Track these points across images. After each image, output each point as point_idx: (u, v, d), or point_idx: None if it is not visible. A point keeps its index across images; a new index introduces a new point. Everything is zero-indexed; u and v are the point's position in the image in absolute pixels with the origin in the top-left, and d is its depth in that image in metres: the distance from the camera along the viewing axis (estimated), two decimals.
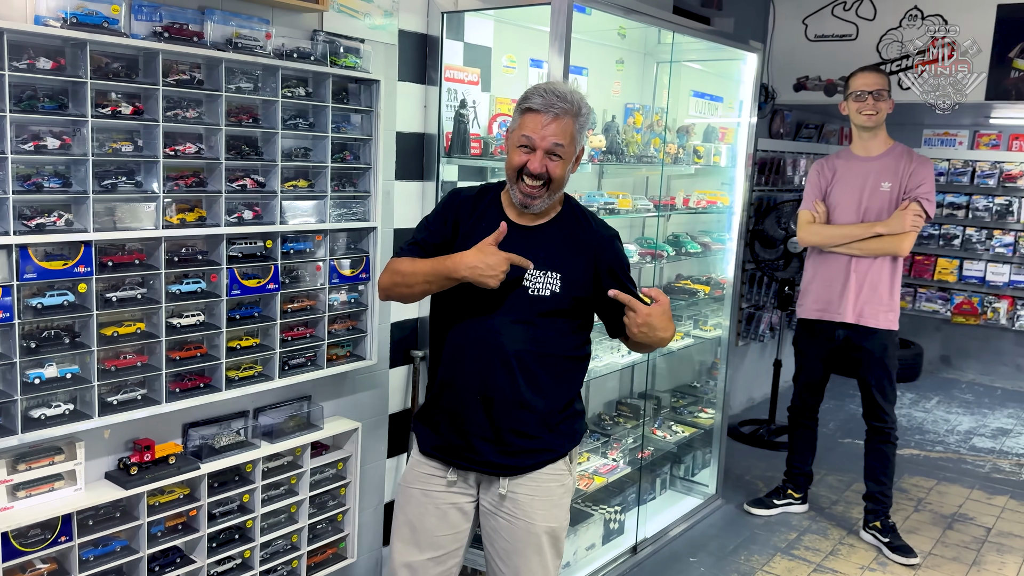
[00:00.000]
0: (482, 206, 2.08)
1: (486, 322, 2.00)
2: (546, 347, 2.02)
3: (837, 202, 3.62)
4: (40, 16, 1.93)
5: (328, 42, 2.52)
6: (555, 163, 1.94)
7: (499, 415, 2.01)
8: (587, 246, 2.06)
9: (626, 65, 4.00)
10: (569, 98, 1.95)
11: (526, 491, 2.06)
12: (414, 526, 2.10)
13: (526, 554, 2.07)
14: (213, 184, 2.28)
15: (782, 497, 3.98)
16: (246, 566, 2.52)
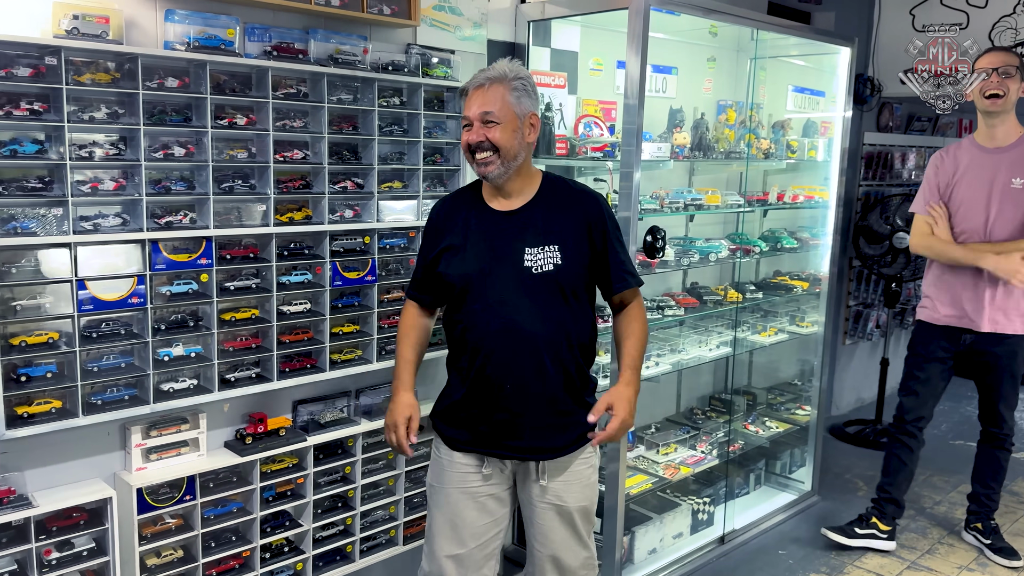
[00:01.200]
0: (458, 204, 2.22)
1: (502, 311, 2.09)
2: (564, 324, 2.13)
3: (962, 201, 3.29)
4: (168, 41, 2.23)
5: (420, 54, 2.75)
6: (492, 128, 2.05)
7: (531, 399, 2.12)
8: (574, 211, 2.15)
9: (718, 62, 4.04)
10: (497, 69, 2.09)
11: (561, 479, 2.19)
12: (454, 523, 2.21)
13: (561, 528, 2.22)
14: (318, 186, 2.54)
15: (865, 527, 3.55)
16: (348, 532, 2.77)
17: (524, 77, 2.11)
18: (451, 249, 2.17)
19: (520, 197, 2.17)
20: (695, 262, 3.54)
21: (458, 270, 2.15)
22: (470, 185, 2.29)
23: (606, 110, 3.40)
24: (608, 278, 2.20)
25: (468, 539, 2.22)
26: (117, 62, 2.12)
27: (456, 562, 2.22)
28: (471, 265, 2.14)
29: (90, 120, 2.08)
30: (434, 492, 2.27)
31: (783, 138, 4.03)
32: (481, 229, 2.15)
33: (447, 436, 2.24)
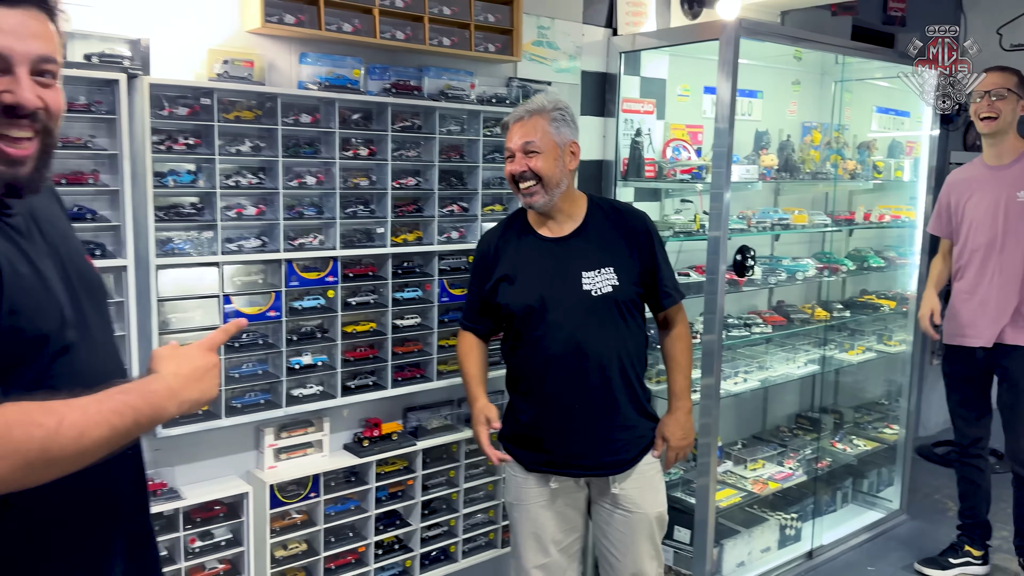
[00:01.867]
0: (508, 235, 2.34)
1: (567, 334, 2.20)
2: (625, 341, 2.25)
3: (972, 219, 3.35)
4: (302, 81, 2.48)
5: (521, 87, 2.95)
6: (534, 157, 2.18)
7: (600, 418, 2.24)
8: (623, 231, 2.28)
9: (803, 86, 4.13)
10: (536, 102, 2.24)
11: (634, 485, 2.32)
12: (538, 535, 2.35)
13: (640, 540, 2.34)
14: (428, 210, 2.76)
15: (959, 555, 3.52)
16: (451, 533, 2.95)
17: (563, 108, 2.25)
18: (506, 279, 2.28)
19: (570, 222, 2.29)
20: (782, 280, 3.62)
21: (517, 299, 2.26)
22: (515, 214, 2.40)
23: (693, 134, 3.54)
24: (657, 295, 2.33)
25: (551, 548, 2.36)
26: (259, 101, 2.38)
27: (544, 571, 2.37)
28: (530, 293, 2.24)
29: (236, 153, 2.34)
30: (514, 509, 2.40)
31: (869, 158, 4.09)
32: (534, 257, 2.27)
33: (520, 458, 2.35)
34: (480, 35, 2.77)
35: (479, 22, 2.75)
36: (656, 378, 3.14)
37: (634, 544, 2.35)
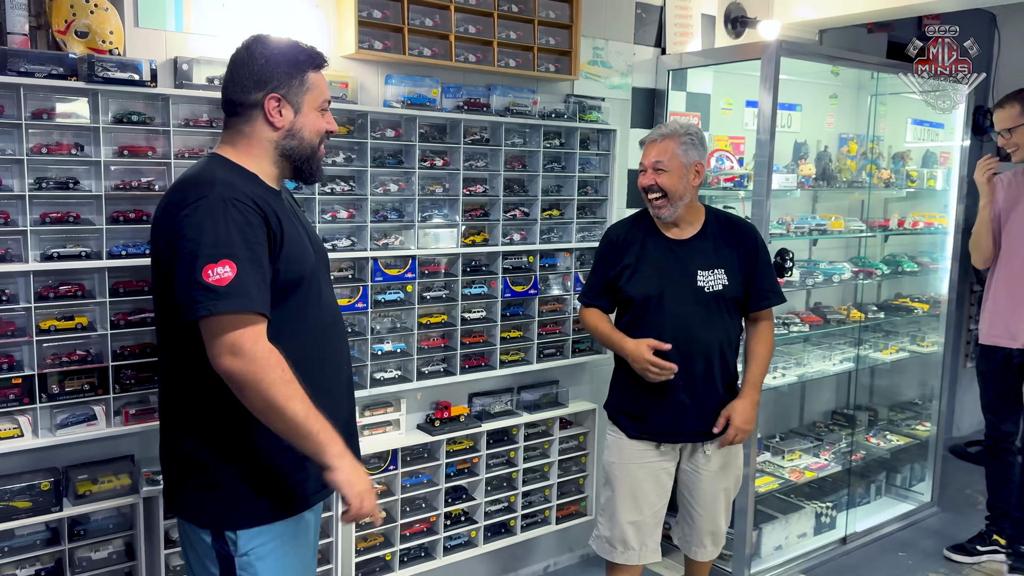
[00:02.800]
0: (634, 231, 2.68)
1: (680, 322, 2.55)
2: (727, 332, 2.63)
3: (1013, 224, 3.57)
4: (387, 100, 2.80)
5: (577, 103, 3.23)
6: (661, 174, 2.54)
7: (700, 394, 2.59)
8: (735, 240, 2.64)
9: (840, 99, 4.36)
10: (669, 127, 2.59)
11: (722, 452, 2.68)
12: (635, 494, 2.66)
13: (720, 498, 2.71)
14: (494, 215, 3.05)
15: (987, 543, 3.73)
16: (511, 509, 3.24)
17: (693, 133, 2.59)
18: (631, 269, 2.63)
19: (690, 228, 2.65)
20: (819, 283, 3.86)
21: (640, 288, 2.60)
22: (643, 213, 2.72)
23: (735, 144, 3.80)
24: (755, 296, 2.67)
25: (645, 507, 2.67)
26: (351, 117, 2.70)
27: (635, 527, 2.67)
28: (651, 283, 2.59)
29: (331, 163, 2.66)
30: (615, 469, 2.69)
31: (903, 168, 4.30)
32: (658, 254, 2.62)
33: (626, 427, 2.68)
34: (542, 56, 3.07)
35: (541, 45, 3.05)
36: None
37: (715, 501, 2.73)
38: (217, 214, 1.66)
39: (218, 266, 1.61)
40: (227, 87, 1.84)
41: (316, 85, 1.85)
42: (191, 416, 1.79)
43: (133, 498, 2.33)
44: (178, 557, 2.48)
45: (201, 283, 1.60)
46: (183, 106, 2.39)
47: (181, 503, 1.83)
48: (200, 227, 1.64)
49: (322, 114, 1.88)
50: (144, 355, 2.39)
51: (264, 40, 1.85)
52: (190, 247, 1.63)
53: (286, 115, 1.82)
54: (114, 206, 2.31)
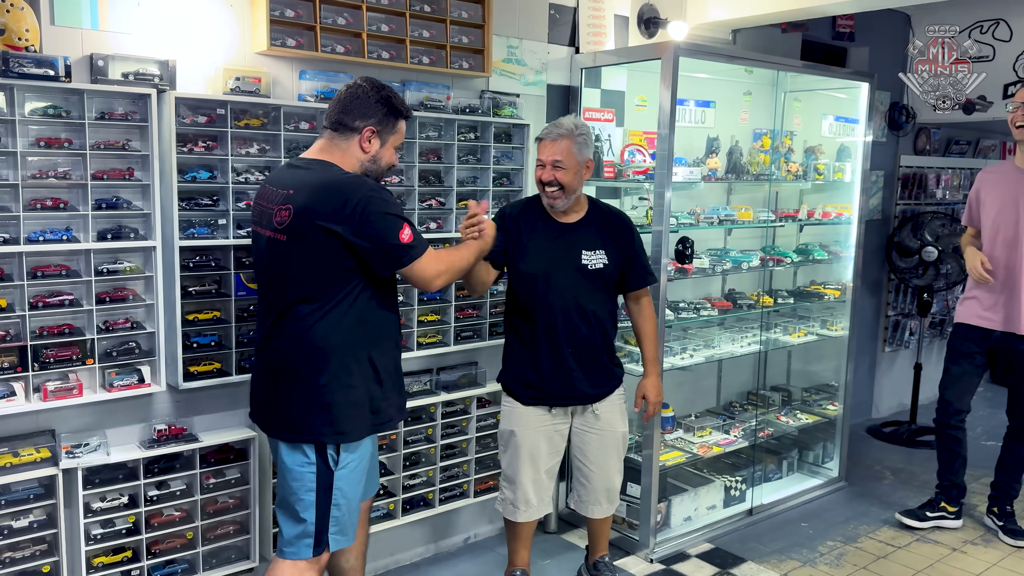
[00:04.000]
0: (526, 215, 2.94)
1: (567, 295, 2.87)
2: (606, 304, 2.97)
3: (997, 216, 3.67)
4: (301, 94, 2.95)
5: (492, 99, 3.41)
6: (560, 171, 2.82)
7: (587, 359, 2.91)
8: (612, 228, 2.98)
9: (755, 96, 4.58)
10: (564, 126, 2.85)
11: (607, 409, 2.95)
12: (533, 456, 2.97)
13: (611, 454, 3.02)
14: (410, 204, 3.22)
15: (935, 510, 3.98)
16: (429, 483, 3.42)
17: (585, 132, 2.86)
18: (521, 247, 2.90)
19: (575, 215, 2.97)
20: (728, 269, 4.08)
21: (530, 265, 2.88)
22: (533, 200, 3.02)
23: (649, 139, 3.99)
24: (632, 277, 3.02)
25: (542, 465, 2.98)
26: (265, 111, 2.85)
27: (535, 484, 2.98)
28: (542, 261, 2.88)
29: (246, 154, 2.81)
30: (512, 436, 2.97)
31: (813, 161, 4.54)
32: (548, 235, 2.91)
33: (520, 394, 2.96)
34: (455, 54, 3.24)
35: (454, 43, 3.22)
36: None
37: (607, 458, 3.05)
38: (386, 197, 2.30)
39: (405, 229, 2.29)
40: (342, 109, 2.37)
41: (399, 131, 2.45)
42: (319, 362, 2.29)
43: (53, 469, 2.48)
44: (98, 526, 2.63)
45: (402, 243, 2.29)
46: (98, 100, 2.52)
47: (290, 423, 2.33)
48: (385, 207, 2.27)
49: (395, 152, 2.46)
50: (62, 335, 2.53)
51: (380, 86, 2.40)
52: (385, 223, 2.26)
53: (374, 145, 2.39)
54: (32, 194, 2.45)
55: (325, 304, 2.28)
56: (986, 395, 5.93)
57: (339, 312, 2.29)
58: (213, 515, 2.86)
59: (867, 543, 3.81)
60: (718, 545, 3.75)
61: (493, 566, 3.45)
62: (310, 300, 2.28)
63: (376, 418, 2.41)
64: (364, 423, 2.38)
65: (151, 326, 2.69)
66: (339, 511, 2.36)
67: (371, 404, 2.39)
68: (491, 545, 3.67)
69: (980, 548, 3.77)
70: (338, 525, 2.37)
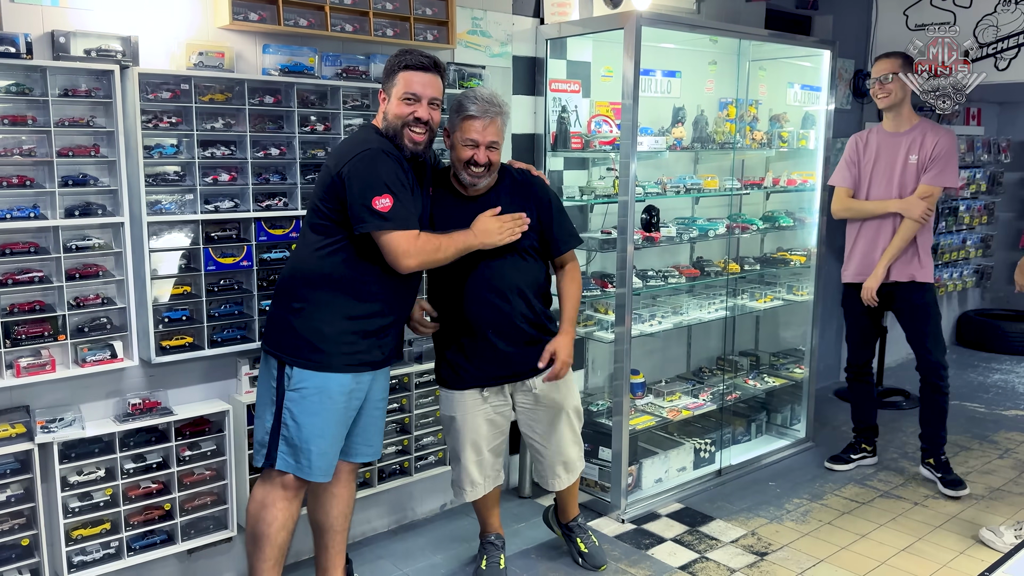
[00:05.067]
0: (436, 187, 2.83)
1: (480, 273, 2.77)
2: (528, 274, 2.86)
3: (874, 175, 4.00)
4: (265, 68, 2.96)
5: (457, 71, 3.44)
6: (494, 152, 2.73)
7: (510, 336, 2.84)
8: (525, 193, 2.86)
9: (720, 65, 4.63)
10: (495, 103, 2.72)
11: (547, 385, 2.93)
12: (474, 439, 2.95)
13: (561, 429, 3.00)
14: None
15: (857, 452, 4.34)
16: (405, 452, 3.48)
17: (508, 109, 2.80)
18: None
19: (486, 186, 2.83)
20: (695, 237, 4.15)
21: None
22: (441, 172, 2.90)
23: (616, 110, 4.02)
24: (554, 244, 2.90)
25: (484, 447, 2.98)
26: (229, 85, 2.87)
27: (478, 465, 2.98)
28: None
29: (211, 129, 2.83)
30: (452, 422, 2.97)
31: (778, 130, 4.61)
32: (455, 212, 2.77)
33: (453, 381, 2.92)
34: (420, 26, 3.26)
35: (418, 15, 3.24)
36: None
37: (556, 432, 3.02)
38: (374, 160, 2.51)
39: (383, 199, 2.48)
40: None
41: (401, 80, 2.56)
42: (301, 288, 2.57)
43: (29, 444, 2.51)
44: (75, 499, 2.67)
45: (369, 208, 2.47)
46: (61, 77, 2.53)
47: (265, 335, 2.68)
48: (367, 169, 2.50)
49: (407, 103, 2.55)
50: (33, 312, 2.55)
51: (399, 52, 2.61)
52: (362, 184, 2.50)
53: (385, 103, 2.60)
54: None
55: (324, 239, 2.54)
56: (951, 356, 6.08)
57: (329, 251, 2.53)
58: (190, 487, 2.91)
59: (832, 500, 3.93)
60: (688, 505, 3.85)
61: (469, 531, 3.53)
62: (316, 231, 2.56)
63: (334, 359, 2.56)
64: (320, 357, 2.55)
65: (122, 302, 2.71)
66: (287, 432, 2.57)
67: (334, 343, 2.56)
68: (467, 511, 3.74)
69: (940, 501, 3.90)
70: (288, 446, 2.57)
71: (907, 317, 4.02)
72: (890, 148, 4.00)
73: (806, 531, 3.60)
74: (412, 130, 2.56)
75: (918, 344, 4.02)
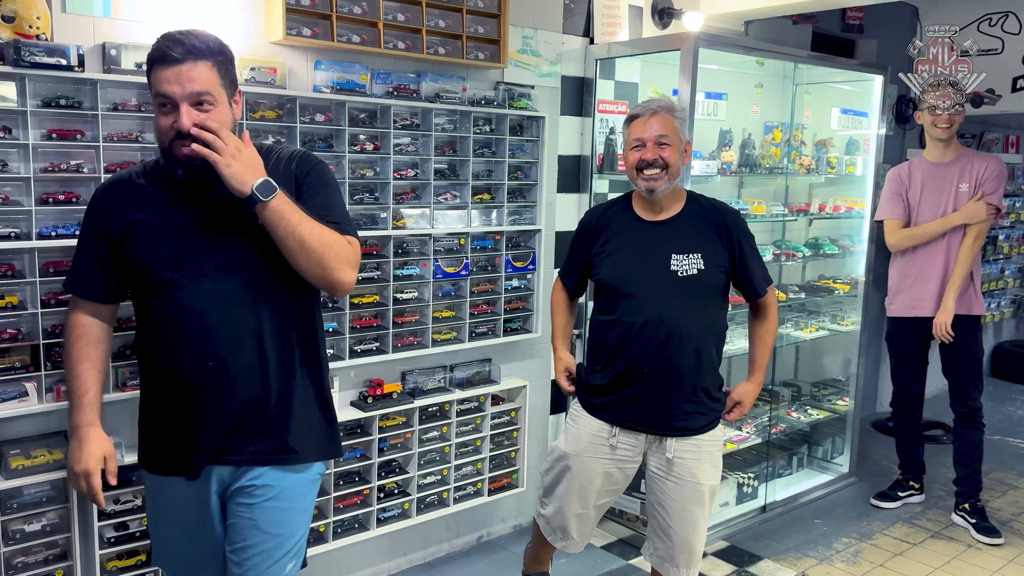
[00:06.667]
0: (611, 215, 2.60)
1: (651, 307, 2.43)
2: (705, 319, 2.48)
3: (922, 206, 3.90)
4: (316, 85, 2.87)
5: (507, 90, 3.35)
6: (665, 149, 2.42)
7: (670, 385, 2.44)
8: (716, 225, 2.51)
9: (765, 88, 4.53)
10: (664, 101, 2.49)
11: (693, 456, 2.49)
12: (584, 488, 2.59)
13: (696, 512, 2.56)
14: (425, 198, 3.16)
15: (904, 489, 4.20)
16: (444, 482, 3.36)
17: (684, 110, 2.55)
18: (605, 253, 2.55)
19: (669, 211, 2.53)
20: None
21: (614, 271, 2.52)
22: (620, 198, 2.67)
23: None
24: (749, 284, 2.57)
25: (591, 501, 2.64)
26: (280, 102, 2.78)
27: (580, 520, 2.67)
28: (623, 267, 2.51)
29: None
30: (570, 459, 2.61)
31: (825, 155, 4.50)
32: (634, 236, 2.53)
33: (589, 407, 2.59)
34: (471, 44, 3.17)
35: (470, 33, 3.15)
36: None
37: (689, 512, 2.53)
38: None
39: None
40: None
41: (153, 85, 1.81)
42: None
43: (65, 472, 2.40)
44: (111, 529, 2.56)
45: None
46: (111, 90, 2.44)
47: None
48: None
49: (166, 112, 1.80)
50: None
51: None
52: None
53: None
54: (43, 188, 2.37)
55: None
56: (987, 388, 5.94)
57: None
58: None
59: (882, 540, 3.79)
60: (733, 543, 3.71)
61: (507, 565, 3.40)
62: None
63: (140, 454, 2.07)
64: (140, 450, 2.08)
65: None
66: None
67: (140, 431, 2.08)
68: (505, 544, 3.62)
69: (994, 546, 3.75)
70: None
71: (952, 350, 3.87)
72: (937, 178, 3.89)
73: (858, 573, 3.46)
74: (180, 144, 1.80)
75: (958, 378, 3.89)
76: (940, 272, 3.85)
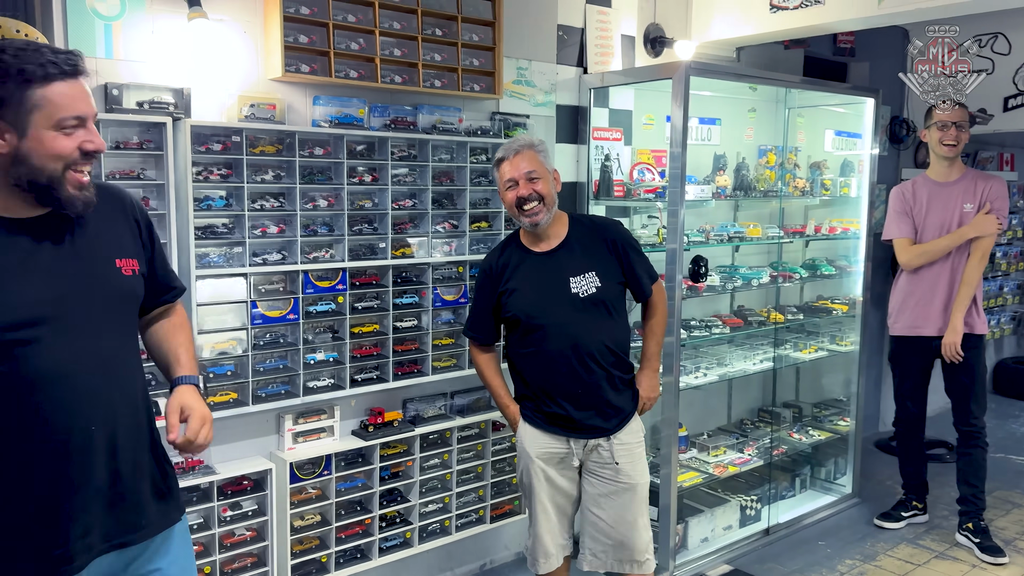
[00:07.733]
0: (507, 254, 2.72)
1: (562, 331, 2.60)
2: (612, 333, 2.67)
3: (927, 225, 3.90)
4: (315, 120, 2.93)
5: (502, 120, 3.40)
6: (537, 183, 2.59)
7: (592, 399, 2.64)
8: (603, 240, 2.69)
9: (759, 112, 4.59)
10: (522, 139, 2.66)
11: (627, 460, 2.70)
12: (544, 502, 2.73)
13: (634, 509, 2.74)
14: (423, 227, 3.20)
15: (908, 509, 4.18)
16: (446, 509, 3.37)
17: (543, 143, 2.69)
18: (511, 292, 2.68)
19: (556, 238, 2.69)
20: (739, 287, 4.07)
21: (522, 307, 2.65)
22: (509, 238, 2.80)
23: (657, 157, 3.99)
24: (638, 287, 2.76)
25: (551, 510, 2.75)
26: (280, 137, 2.83)
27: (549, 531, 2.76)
28: (531, 300, 2.65)
29: (261, 181, 2.79)
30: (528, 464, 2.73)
31: (819, 177, 4.55)
32: (530, 270, 2.67)
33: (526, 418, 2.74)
34: (467, 77, 3.23)
35: (466, 66, 3.21)
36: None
37: (628, 513, 2.71)
38: None
39: None
40: None
41: (50, 101, 1.53)
42: None
43: None
44: None
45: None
46: (113, 129, 2.49)
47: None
48: None
49: (67, 134, 1.56)
50: None
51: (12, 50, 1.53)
52: None
53: (9, 140, 1.52)
54: None
55: None
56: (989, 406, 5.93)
57: None
58: (230, 548, 2.81)
59: (886, 561, 3.78)
60: (737, 567, 3.71)
61: None
62: None
63: None
64: None
65: None
66: None
67: None
68: (507, 572, 3.62)
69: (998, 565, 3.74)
70: None
71: (955, 369, 3.89)
72: (942, 198, 3.90)
73: None
74: (77, 170, 1.58)
75: (961, 397, 3.89)
76: (944, 291, 3.86)
